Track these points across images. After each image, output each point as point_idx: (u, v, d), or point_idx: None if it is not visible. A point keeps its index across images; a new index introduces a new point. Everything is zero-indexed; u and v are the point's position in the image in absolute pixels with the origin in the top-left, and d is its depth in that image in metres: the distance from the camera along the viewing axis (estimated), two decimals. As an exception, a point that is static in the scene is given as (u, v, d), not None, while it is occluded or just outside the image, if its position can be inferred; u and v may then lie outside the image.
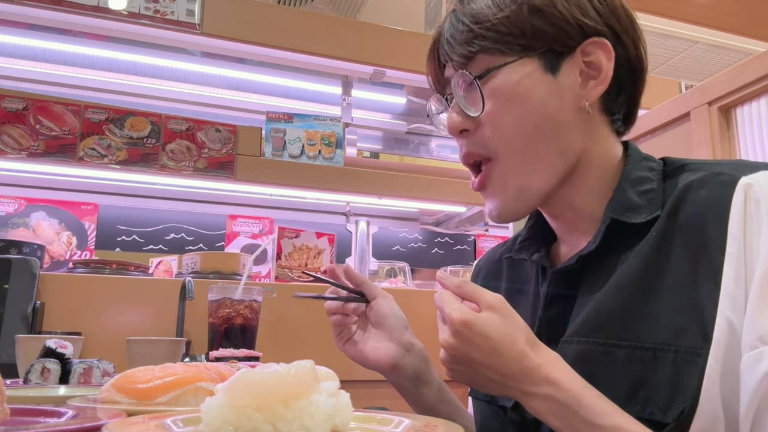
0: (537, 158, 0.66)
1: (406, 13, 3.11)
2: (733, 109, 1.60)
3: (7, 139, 1.72)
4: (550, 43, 0.65)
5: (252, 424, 0.40)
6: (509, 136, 0.66)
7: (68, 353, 0.88)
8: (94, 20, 1.91)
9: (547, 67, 0.66)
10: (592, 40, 0.66)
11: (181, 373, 0.59)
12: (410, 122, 2.64)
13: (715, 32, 2.51)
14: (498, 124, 0.66)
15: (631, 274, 0.61)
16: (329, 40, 2.13)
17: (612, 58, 0.66)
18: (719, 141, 1.61)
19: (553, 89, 0.66)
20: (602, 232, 0.64)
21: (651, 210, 0.63)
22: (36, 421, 0.50)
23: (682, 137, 1.76)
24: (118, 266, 1.69)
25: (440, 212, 2.55)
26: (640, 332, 0.58)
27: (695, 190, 0.60)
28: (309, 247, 2.00)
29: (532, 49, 0.65)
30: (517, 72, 0.65)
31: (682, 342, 0.55)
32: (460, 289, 0.60)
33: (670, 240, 0.60)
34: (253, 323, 1.32)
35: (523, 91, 0.65)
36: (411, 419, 0.49)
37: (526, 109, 0.65)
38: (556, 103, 0.66)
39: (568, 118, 0.66)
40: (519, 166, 0.67)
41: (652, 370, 0.56)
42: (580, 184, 0.69)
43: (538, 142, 0.66)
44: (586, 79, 0.66)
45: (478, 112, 0.67)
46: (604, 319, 0.61)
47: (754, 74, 1.48)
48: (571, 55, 0.66)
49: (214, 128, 1.93)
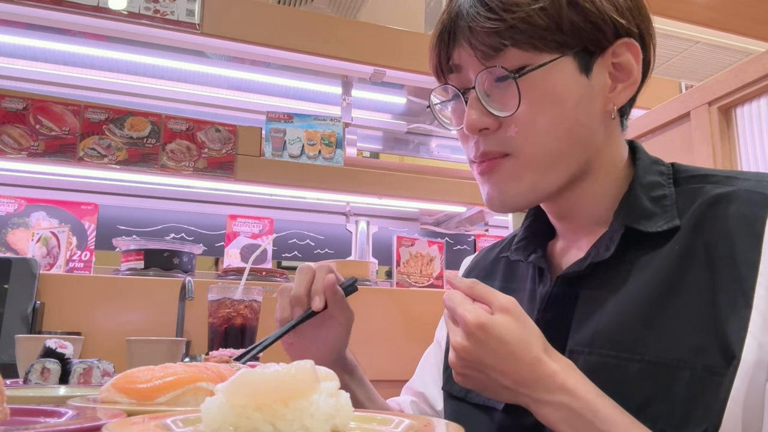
0: (559, 159, 0.63)
1: (406, 13, 3.11)
2: (733, 109, 1.60)
3: (7, 139, 1.72)
4: (585, 41, 0.62)
5: (252, 424, 0.40)
6: (539, 138, 0.62)
7: (68, 353, 0.88)
8: (94, 20, 1.91)
9: (582, 67, 0.62)
10: (623, 40, 0.63)
11: (181, 373, 0.59)
12: (410, 122, 2.64)
13: (715, 32, 2.51)
14: (529, 126, 0.62)
15: (649, 287, 0.59)
16: (329, 40, 2.13)
17: (640, 61, 0.64)
18: (719, 141, 1.61)
19: (587, 92, 0.63)
20: (617, 240, 0.61)
21: (666, 218, 0.61)
22: (36, 421, 0.50)
23: (682, 137, 1.76)
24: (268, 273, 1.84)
25: (440, 212, 2.55)
26: (656, 348, 0.56)
27: (724, 205, 0.58)
28: (422, 254, 2.08)
29: (567, 47, 0.61)
30: (555, 72, 0.61)
31: (699, 360, 0.53)
32: (471, 290, 0.58)
33: (693, 255, 0.58)
34: (253, 323, 1.32)
35: (560, 93, 0.61)
36: (411, 419, 0.49)
37: (561, 112, 0.62)
38: (589, 107, 0.63)
39: (596, 122, 0.64)
40: (539, 165, 0.63)
41: (666, 386, 0.54)
42: (590, 185, 0.67)
43: (565, 145, 0.63)
44: (615, 82, 0.64)
45: (508, 111, 0.62)
46: (619, 331, 0.59)
47: (754, 74, 1.48)
48: (602, 55, 0.63)
49: (214, 128, 1.93)
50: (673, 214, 0.61)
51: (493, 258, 0.84)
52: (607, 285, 0.62)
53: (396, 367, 1.71)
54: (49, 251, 1.72)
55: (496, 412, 0.68)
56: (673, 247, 0.59)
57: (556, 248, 0.73)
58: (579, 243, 0.69)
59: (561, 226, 0.73)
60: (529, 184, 0.64)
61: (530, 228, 0.76)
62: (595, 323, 0.61)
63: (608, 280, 0.62)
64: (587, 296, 0.64)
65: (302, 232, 2.44)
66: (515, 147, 0.63)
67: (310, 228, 2.44)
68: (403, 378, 0.90)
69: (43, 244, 1.72)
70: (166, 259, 1.72)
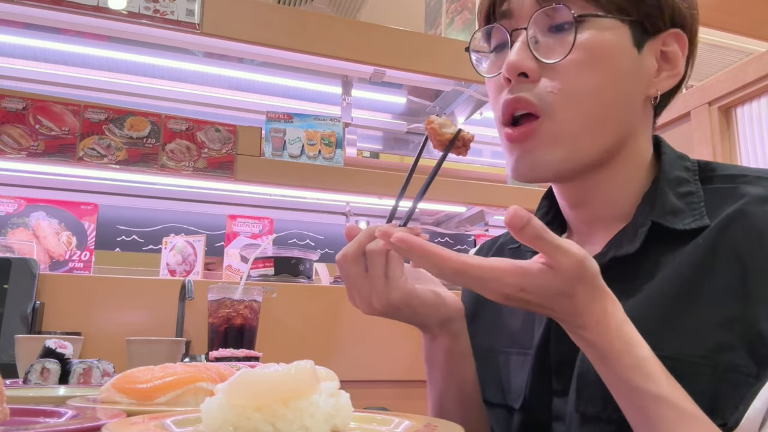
0: (597, 129, 0.61)
1: (406, 13, 3.11)
2: (733, 109, 1.60)
3: (7, 139, 1.72)
4: (644, 16, 0.61)
5: (252, 424, 0.40)
6: (581, 99, 0.60)
7: (68, 353, 0.88)
8: (94, 20, 1.91)
9: (635, 41, 0.61)
10: (675, 30, 0.63)
11: (181, 373, 0.59)
12: (410, 122, 2.64)
13: (715, 32, 2.51)
14: (573, 82, 0.60)
15: (672, 283, 0.58)
16: (329, 40, 2.13)
17: (686, 55, 0.64)
18: (719, 141, 1.61)
19: (636, 66, 0.62)
20: (643, 234, 0.60)
21: (694, 216, 0.60)
22: (36, 421, 0.50)
23: (682, 137, 1.75)
24: None
25: (440, 212, 2.55)
26: (678, 344, 0.55)
27: (756, 204, 0.57)
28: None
29: (627, 13, 0.60)
30: (612, 32, 0.60)
31: (723, 357, 0.53)
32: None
33: (720, 254, 0.57)
34: (253, 323, 1.32)
35: (615, 57, 0.60)
36: (411, 419, 0.49)
37: (611, 76, 0.60)
38: (634, 82, 0.63)
39: (637, 102, 0.64)
40: (576, 131, 0.61)
41: (687, 382, 0.53)
42: (614, 172, 0.65)
43: (606, 114, 0.61)
44: (661, 68, 0.64)
45: (557, 58, 0.59)
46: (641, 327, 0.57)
47: (754, 74, 1.48)
48: (654, 38, 0.63)
49: (214, 128, 1.93)
50: (702, 212, 0.60)
51: (496, 249, 0.83)
52: (627, 281, 0.61)
53: (396, 367, 1.71)
54: (184, 259, 1.86)
55: (514, 410, 0.68)
56: (699, 245, 0.58)
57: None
58: (594, 237, 0.68)
59: (575, 217, 0.71)
60: (563, 152, 0.61)
61: (542, 219, 0.74)
62: None
63: (628, 277, 0.61)
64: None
65: (302, 232, 2.45)
66: (552, 106, 0.60)
67: (310, 228, 2.44)
68: (403, 378, 0.89)
69: (178, 252, 1.86)
70: (293, 266, 1.80)
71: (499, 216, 2.34)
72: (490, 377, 0.75)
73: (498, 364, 0.74)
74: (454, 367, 0.71)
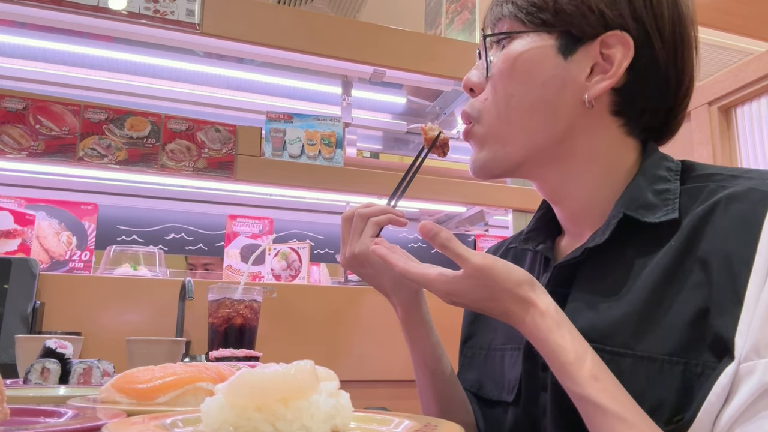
0: (519, 133, 0.67)
1: (406, 13, 3.11)
2: (733, 109, 1.60)
3: (7, 139, 1.72)
4: (569, 25, 0.64)
5: (252, 424, 0.40)
6: (500, 107, 0.67)
7: (68, 353, 0.88)
8: (94, 20, 1.91)
9: (561, 48, 0.64)
10: (613, 32, 0.63)
11: (181, 373, 0.59)
12: (410, 122, 2.64)
13: (715, 32, 2.51)
14: (495, 93, 0.68)
15: (645, 282, 0.59)
16: (329, 40, 2.13)
17: (629, 57, 0.63)
18: (719, 141, 1.61)
19: (559, 73, 0.64)
20: (613, 225, 0.62)
21: (665, 211, 0.61)
22: (36, 421, 0.50)
23: (682, 137, 1.75)
24: None
25: (440, 212, 2.55)
26: (650, 342, 0.56)
27: (724, 204, 0.58)
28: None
29: (550, 25, 0.65)
30: (528, 44, 0.66)
31: (692, 355, 0.54)
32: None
33: (690, 253, 0.57)
34: (253, 323, 1.32)
35: (528, 65, 0.65)
36: (411, 419, 0.49)
37: (526, 87, 0.66)
38: (557, 88, 0.65)
39: (566, 106, 0.65)
40: (497, 134, 0.68)
41: (658, 381, 0.55)
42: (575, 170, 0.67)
43: (525, 120, 0.67)
44: (597, 72, 0.64)
45: (485, 74, 0.69)
46: (614, 326, 0.59)
47: (754, 74, 1.48)
48: (589, 42, 0.64)
49: (214, 128, 1.93)
50: (674, 207, 0.61)
51: (503, 251, 0.86)
52: (605, 276, 0.63)
53: (396, 367, 1.71)
54: (289, 264, 1.90)
55: (507, 405, 0.69)
56: (671, 246, 0.59)
57: (562, 243, 0.74)
58: (583, 236, 0.69)
59: (562, 216, 0.74)
60: (491, 153, 0.69)
61: (541, 220, 0.77)
62: (590, 315, 0.62)
63: (606, 272, 0.63)
64: (584, 287, 0.64)
65: (302, 232, 2.44)
66: (481, 114, 0.69)
67: (310, 228, 2.44)
68: (403, 378, 0.90)
69: (282, 258, 1.90)
70: None
71: (499, 216, 2.34)
72: (489, 375, 0.77)
73: (495, 362, 0.76)
74: (412, 335, 0.82)
